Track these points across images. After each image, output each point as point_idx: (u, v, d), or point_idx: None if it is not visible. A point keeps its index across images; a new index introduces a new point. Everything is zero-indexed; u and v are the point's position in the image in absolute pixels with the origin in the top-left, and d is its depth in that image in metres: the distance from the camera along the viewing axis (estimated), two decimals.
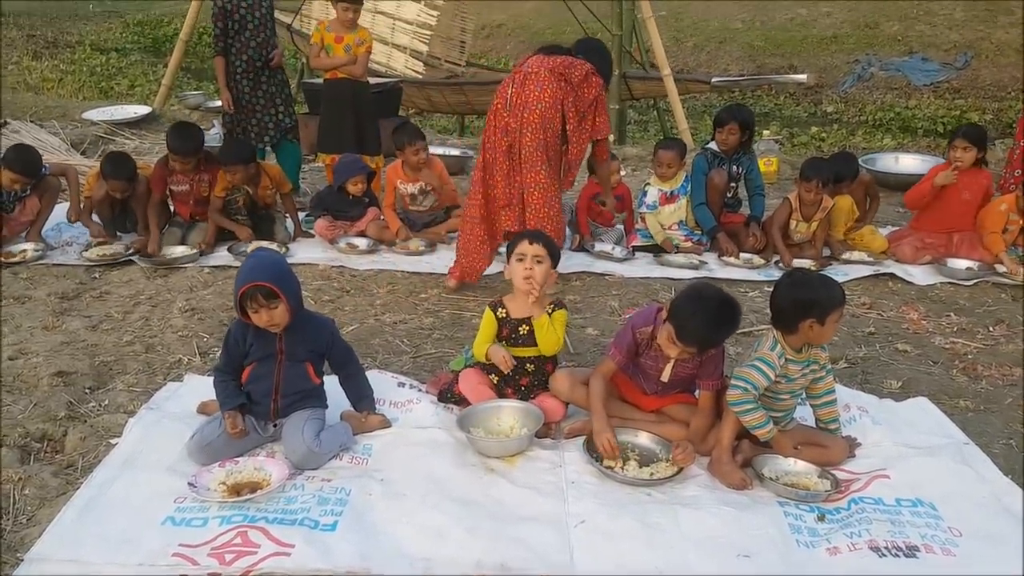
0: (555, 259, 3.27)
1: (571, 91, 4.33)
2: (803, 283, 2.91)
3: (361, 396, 3.16)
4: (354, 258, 5.13)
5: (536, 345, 3.22)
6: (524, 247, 3.20)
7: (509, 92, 4.39)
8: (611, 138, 4.55)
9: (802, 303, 2.82)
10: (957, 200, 5.28)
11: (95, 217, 5.31)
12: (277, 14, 10.79)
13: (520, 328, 3.21)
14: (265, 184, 5.37)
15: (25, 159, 5.04)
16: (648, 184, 5.49)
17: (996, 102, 12.94)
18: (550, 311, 3.21)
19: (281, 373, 2.93)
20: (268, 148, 6.19)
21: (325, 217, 5.46)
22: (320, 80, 6.62)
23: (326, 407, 3.06)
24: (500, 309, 3.23)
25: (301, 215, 5.68)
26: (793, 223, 5.25)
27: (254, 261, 2.94)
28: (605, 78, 4.52)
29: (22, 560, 2.39)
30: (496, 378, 3.27)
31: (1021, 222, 5.16)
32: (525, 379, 3.26)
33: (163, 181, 5.22)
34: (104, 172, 5.12)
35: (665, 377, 3.02)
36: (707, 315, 2.82)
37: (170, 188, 5.29)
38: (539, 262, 3.17)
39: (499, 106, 4.42)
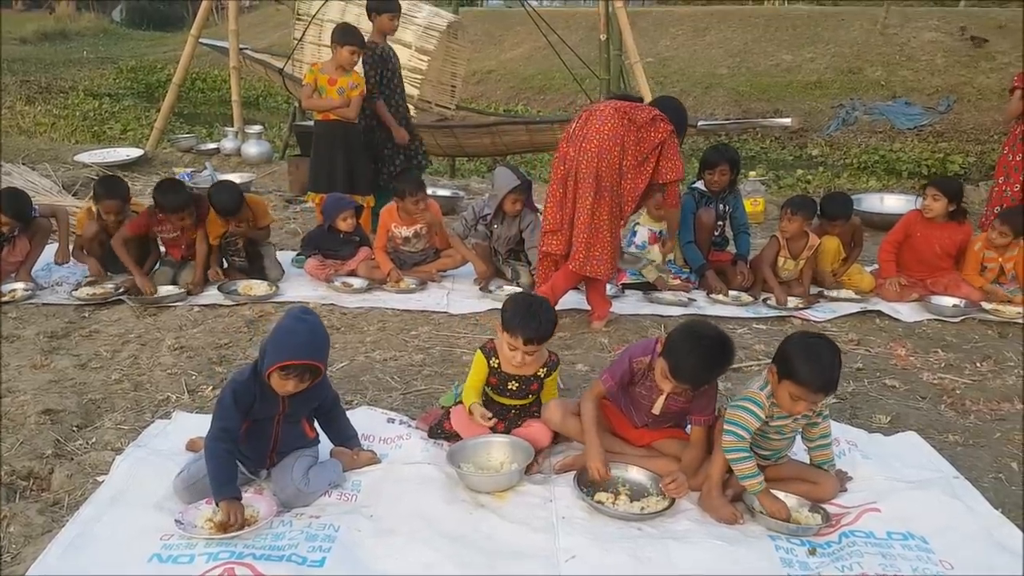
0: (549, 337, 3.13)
1: (634, 130, 4.40)
2: (813, 351, 2.75)
3: (348, 435, 3.12)
4: (345, 296, 5.14)
5: (523, 398, 3.25)
6: (518, 343, 3.04)
7: (573, 126, 4.56)
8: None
9: (786, 360, 2.76)
10: (930, 253, 5.38)
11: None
12: (269, 58, 11.07)
13: (509, 384, 3.22)
14: (259, 216, 5.35)
15: (15, 204, 5.06)
16: (637, 224, 5.54)
17: (979, 145, 13.16)
18: (543, 374, 3.22)
19: (279, 432, 2.88)
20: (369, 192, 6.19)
21: (316, 257, 5.49)
22: (311, 123, 6.71)
23: (318, 442, 3.04)
24: (493, 359, 3.21)
25: (292, 255, 5.74)
26: (781, 260, 5.30)
27: (310, 333, 2.75)
28: (679, 128, 4.59)
29: None
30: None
31: (999, 259, 5.23)
32: (512, 413, 3.29)
33: (144, 227, 5.15)
34: (96, 193, 5.13)
35: (657, 409, 3.01)
36: (703, 354, 2.83)
37: (160, 236, 5.29)
38: (530, 354, 3.09)
39: (563, 139, 4.60)
